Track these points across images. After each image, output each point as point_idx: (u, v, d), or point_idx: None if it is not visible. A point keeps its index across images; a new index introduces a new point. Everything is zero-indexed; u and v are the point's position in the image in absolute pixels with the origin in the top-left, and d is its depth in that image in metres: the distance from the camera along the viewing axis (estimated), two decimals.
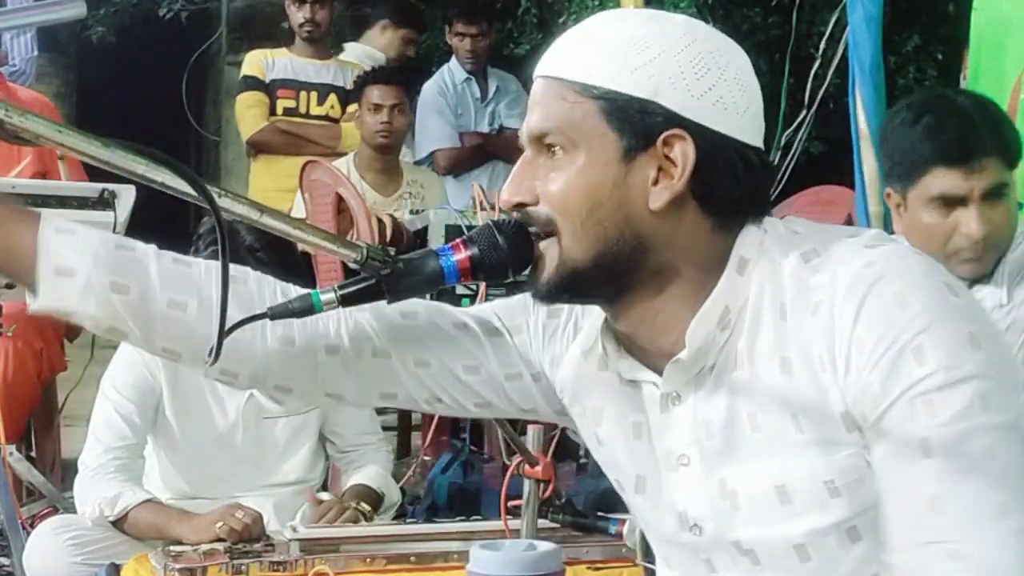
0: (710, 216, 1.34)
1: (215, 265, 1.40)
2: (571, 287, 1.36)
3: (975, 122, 2.27)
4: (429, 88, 5.43)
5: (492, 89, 5.47)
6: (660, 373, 1.38)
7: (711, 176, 1.31)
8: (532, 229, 1.37)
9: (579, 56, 1.34)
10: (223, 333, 1.36)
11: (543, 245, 1.36)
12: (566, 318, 1.52)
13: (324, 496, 3.10)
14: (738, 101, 1.33)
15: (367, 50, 5.53)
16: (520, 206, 1.38)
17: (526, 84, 5.66)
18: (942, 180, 2.25)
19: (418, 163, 5.18)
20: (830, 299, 1.27)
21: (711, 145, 1.31)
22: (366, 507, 3.00)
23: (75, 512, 3.33)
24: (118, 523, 2.85)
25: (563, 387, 1.52)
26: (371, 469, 3.16)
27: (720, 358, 1.34)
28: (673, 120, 1.30)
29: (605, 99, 1.31)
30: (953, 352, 1.22)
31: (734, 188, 1.33)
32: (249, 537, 2.66)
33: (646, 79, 1.31)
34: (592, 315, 1.45)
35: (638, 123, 1.31)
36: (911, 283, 1.25)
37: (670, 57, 1.31)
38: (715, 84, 1.32)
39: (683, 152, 1.30)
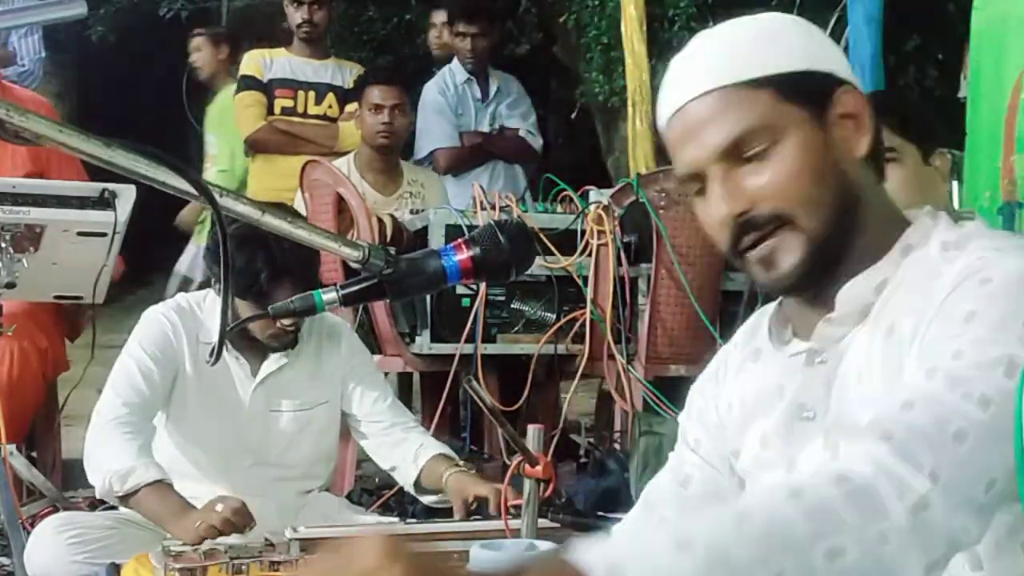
0: (874, 166, 1.46)
1: None
2: (823, 261, 1.42)
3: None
4: (430, 88, 5.43)
5: (493, 90, 5.47)
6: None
7: (873, 125, 1.45)
8: (751, 236, 1.41)
9: (731, 58, 1.41)
10: (223, 333, 1.36)
11: (774, 242, 1.41)
12: (717, 365, 1.62)
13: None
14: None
15: None
16: (742, 215, 1.41)
17: (526, 84, 5.70)
18: None
19: (418, 163, 5.18)
20: (942, 282, 1.35)
21: (863, 95, 1.45)
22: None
23: (76, 511, 3.34)
24: (123, 497, 2.82)
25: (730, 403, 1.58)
26: (425, 440, 3.13)
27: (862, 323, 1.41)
28: (834, 79, 1.43)
29: (777, 83, 1.40)
30: (1002, 322, 1.27)
31: (878, 135, 1.46)
32: (234, 530, 2.64)
33: (799, 53, 1.42)
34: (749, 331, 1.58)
35: (812, 91, 1.41)
36: (1005, 273, 1.31)
37: (802, 32, 1.45)
38: (833, 44, 1.49)
39: (856, 102, 1.43)
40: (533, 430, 2.34)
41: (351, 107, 4.94)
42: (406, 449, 3.10)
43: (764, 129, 1.39)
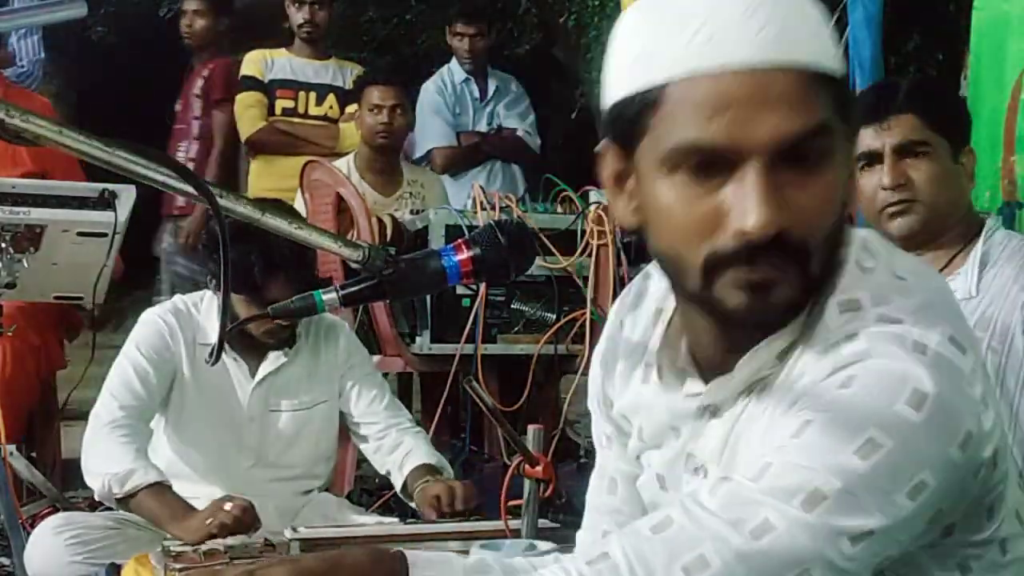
0: None
1: None
2: (804, 306, 1.18)
3: (895, 85, 2.43)
4: (428, 88, 5.44)
5: (491, 89, 5.47)
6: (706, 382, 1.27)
7: None
8: (763, 264, 1.12)
9: (816, 38, 1.13)
10: (224, 333, 1.36)
11: (778, 274, 1.13)
12: (618, 366, 1.43)
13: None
14: None
15: None
16: (778, 234, 1.11)
17: (526, 84, 5.70)
18: (861, 139, 2.37)
19: (416, 162, 5.18)
20: (814, 369, 1.16)
21: None
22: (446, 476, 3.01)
23: (76, 511, 3.34)
24: (122, 500, 2.82)
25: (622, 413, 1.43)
26: (415, 445, 3.12)
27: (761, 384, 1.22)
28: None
29: (836, 87, 1.14)
30: (830, 445, 1.11)
31: None
32: (242, 528, 2.64)
33: (837, 49, 1.17)
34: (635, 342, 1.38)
35: (847, 99, 1.17)
36: (863, 380, 1.12)
37: (829, 27, 1.17)
38: None
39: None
40: (533, 430, 2.34)
41: (351, 108, 4.94)
42: (396, 456, 3.11)
43: (829, 134, 1.12)
